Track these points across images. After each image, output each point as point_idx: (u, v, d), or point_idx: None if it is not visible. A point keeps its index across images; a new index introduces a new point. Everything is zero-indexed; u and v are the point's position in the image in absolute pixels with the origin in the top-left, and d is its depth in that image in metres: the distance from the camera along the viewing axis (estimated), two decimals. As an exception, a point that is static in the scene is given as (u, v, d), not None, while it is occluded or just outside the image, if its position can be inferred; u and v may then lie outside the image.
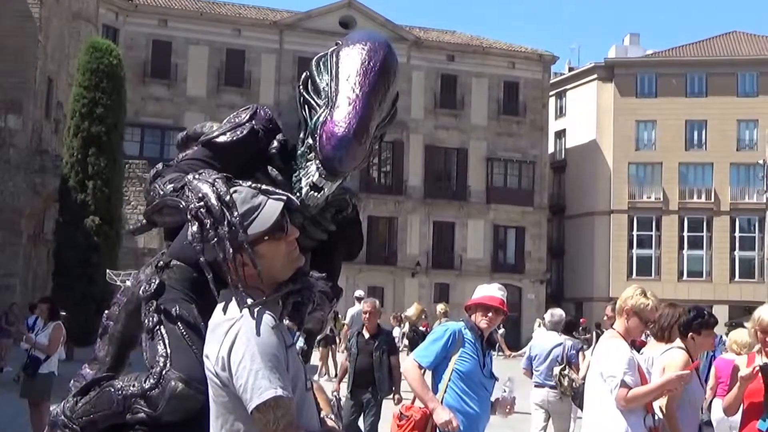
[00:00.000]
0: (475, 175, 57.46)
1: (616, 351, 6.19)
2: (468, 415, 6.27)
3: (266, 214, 2.84)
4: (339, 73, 3.42)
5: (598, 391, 6.25)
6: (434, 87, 57.37)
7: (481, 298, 6.56)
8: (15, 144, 35.05)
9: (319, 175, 3.30)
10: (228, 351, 2.70)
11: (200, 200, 2.88)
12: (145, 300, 3.29)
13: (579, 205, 63.66)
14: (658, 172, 61.86)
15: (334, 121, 3.28)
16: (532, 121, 58.82)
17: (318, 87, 3.44)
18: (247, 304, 2.75)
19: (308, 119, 3.38)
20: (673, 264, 60.76)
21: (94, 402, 3.15)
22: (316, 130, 3.31)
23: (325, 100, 3.37)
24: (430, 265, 55.58)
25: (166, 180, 3.32)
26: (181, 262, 3.34)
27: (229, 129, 3.57)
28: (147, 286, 3.35)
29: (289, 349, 2.79)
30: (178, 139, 4.38)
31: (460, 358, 6.36)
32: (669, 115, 60.61)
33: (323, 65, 3.52)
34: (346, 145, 3.26)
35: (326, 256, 3.71)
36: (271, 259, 2.85)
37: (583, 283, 62.08)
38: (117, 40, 44.24)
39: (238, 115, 3.68)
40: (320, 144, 3.27)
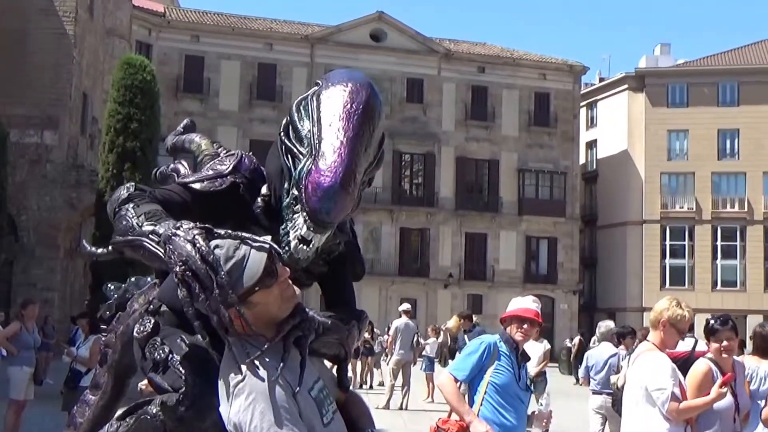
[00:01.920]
0: (506, 186, 57.42)
1: (660, 364, 6.21)
2: (504, 428, 6.30)
3: (252, 266, 2.77)
4: (321, 119, 3.19)
5: (638, 402, 6.26)
6: (465, 99, 57.43)
7: (516, 310, 6.56)
8: (52, 159, 35.52)
9: (308, 228, 3.10)
10: (236, 414, 2.70)
11: (183, 263, 2.76)
12: (144, 340, 3.15)
13: (611, 215, 63.39)
14: (690, 182, 61.51)
15: (319, 171, 3.05)
16: (563, 131, 58.74)
17: (300, 134, 3.20)
18: (247, 361, 2.73)
19: (291, 169, 3.17)
20: (706, 274, 60.35)
21: (135, 428, 3.11)
22: (300, 180, 3.09)
23: (308, 148, 3.14)
24: (463, 276, 55.55)
25: (141, 212, 3.10)
26: (171, 309, 3.24)
27: (208, 178, 3.38)
28: (141, 327, 3.20)
29: (297, 393, 2.78)
30: (167, 146, 4.37)
31: (496, 370, 6.38)
32: (701, 125, 60.27)
33: (303, 110, 3.26)
34: (333, 196, 3.05)
35: (332, 283, 3.60)
36: (266, 305, 2.82)
37: (615, 293, 61.79)
38: (150, 56, 44.68)
39: (222, 161, 3.51)
40: (306, 196, 3.06)
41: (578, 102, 60.97)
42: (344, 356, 3.32)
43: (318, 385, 2.95)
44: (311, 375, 2.93)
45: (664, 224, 61.41)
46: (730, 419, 6.52)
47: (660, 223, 61.31)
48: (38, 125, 35.40)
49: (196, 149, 4.07)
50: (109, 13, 42.63)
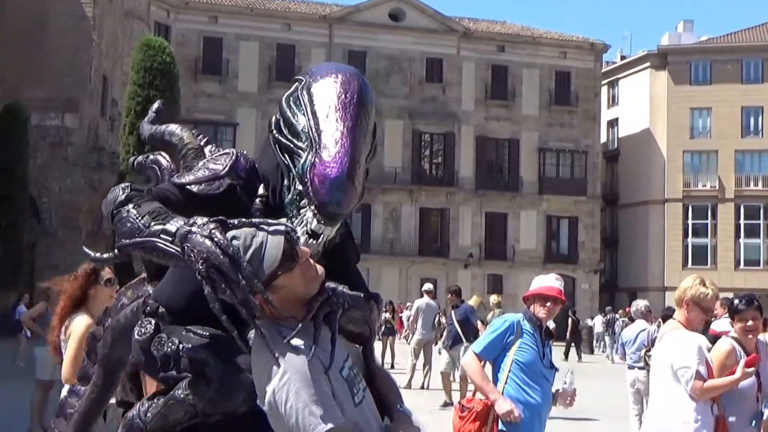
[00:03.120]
0: (527, 165, 57.29)
1: (685, 342, 6.21)
2: (529, 405, 6.30)
3: (271, 252, 2.77)
4: (316, 112, 3.15)
5: (665, 380, 6.28)
6: (485, 78, 57.23)
7: (539, 289, 6.57)
8: (72, 142, 35.69)
9: (318, 221, 3.07)
10: (272, 395, 2.71)
11: (205, 260, 2.73)
12: (147, 341, 3.14)
13: (633, 194, 63.17)
14: (713, 160, 61.20)
15: (324, 163, 3.03)
16: (584, 110, 58.49)
17: (295, 129, 3.16)
18: (282, 343, 2.75)
19: (291, 165, 3.13)
20: (729, 252, 60.09)
21: (165, 413, 3.11)
22: (304, 175, 3.06)
23: (306, 143, 3.10)
24: (483, 256, 55.52)
25: (144, 212, 3.01)
26: (168, 310, 3.23)
27: (205, 180, 3.28)
28: (142, 329, 3.18)
29: (328, 371, 2.78)
30: (144, 137, 4.25)
31: (520, 348, 6.39)
32: (724, 102, 59.88)
33: (295, 105, 3.22)
34: (341, 186, 3.04)
35: (338, 272, 3.45)
36: (291, 287, 2.83)
37: (637, 272, 61.64)
38: (169, 38, 44.73)
39: (216, 160, 3.40)
40: (313, 189, 3.03)
41: (599, 80, 60.67)
42: (369, 335, 3.32)
43: (348, 363, 2.95)
44: (341, 353, 2.92)
45: (687, 203, 61.16)
46: (753, 399, 6.51)
47: (682, 202, 61.07)
48: (59, 108, 35.58)
49: (178, 142, 3.93)
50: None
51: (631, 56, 67.06)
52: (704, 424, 6.12)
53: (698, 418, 6.10)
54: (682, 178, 61.13)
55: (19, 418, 13.47)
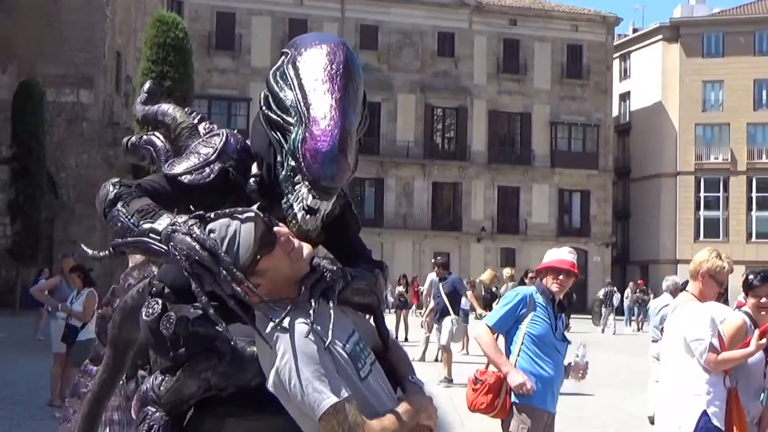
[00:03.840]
0: (539, 139, 57.27)
1: (699, 314, 6.22)
2: (542, 378, 6.35)
3: (245, 238, 2.81)
4: (303, 85, 3.10)
5: (678, 352, 6.30)
6: (497, 52, 57.13)
7: (552, 262, 6.60)
8: (88, 118, 35.92)
9: (312, 197, 3.03)
10: (276, 375, 2.77)
11: (187, 257, 2.76)
12: (155, 322, 3.11)
13: (644, 167, 63.07)
14: (725, 133, 61.01)
15: (315, 138, 2.98)
16: (596, 84, 58.37)
17: (284, 104, 3.10)
18: (276, 325, 2.79)
19: (282, 141, 3.08)
20: (741, 225, 60.02)
21: (178, 387, 3.10)
22: (296, 150, 3.00)
23: (296, 117, 3.05)
24: (495, 230, 55.61)
25: (132, 210, 3.00)
26: (173, 290, 3.22)
27: (196, 168, 3.24)
28: (149, 310, 3.14)
29: (329, 346, 2.80)
30: (137, 117, 4.17)
31: (532, 321, 6.42)
32: (736, 75, 59.66)
33: (282, 79, 3.16)
34: (334, 160, 2.99)
35: (341, 244, 3.53)
36: (276, 269, 2.85)
37: (649, 245, 61.63)
38: (182, 13, 44.77)
39: (206, 143, 3.37)
40: (306, 164, 2.98)
41: (611, 54, 60.50)
42: (377, 304, 3.27)
43: (353, 339, 2.96)
44: (344, 329, 2.94)
45: (699, 176, 61.06)
46: (761, 374, 6.52)
47: (694, 175, 60.96)
48: (74, 84, 35.77)
49: (171, 122, 3.87)
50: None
51: (643, 29, 66.76)
52: (716, 396, 6.14)
53: (710, 391, 6.13)
54: (694, 151, 61.00)
55: (40, 389, 13.76)
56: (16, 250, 31.89)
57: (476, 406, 6.45)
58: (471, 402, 6.48)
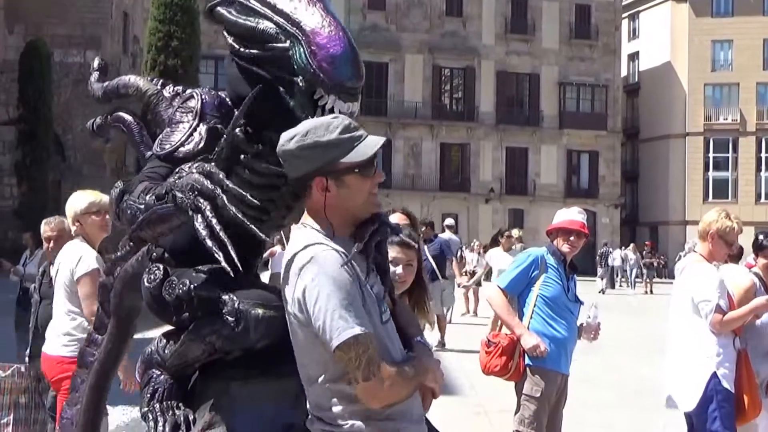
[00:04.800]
0: (547, 100, 57.03)
1: (706, 275, 6.21)
2: (555, 339, 6.33)
3: (366, 146, 2.82)
4: (280, 9, 3.10)
5: (686, 313, 6.29)
6: (505, 12, 56.74)
7: (562, 223, 6.57)
8: (95, 79, 35.79)
9: (343, 101, 3.04)
10: (302, 293, 2.73)
11: (192, 190, 2.78)
12: (158, 287, 3.16)
13: (653, 128, 62.84)
14: (735, 93, 60.70)
15: (323, 46, 2.99)
16: (604, 44, 58.00)
17: (266, 34, 3.09)
18: (316, 245, 2.78)
19: (281, 72, 3.07)
20: (750, 186, 59.88)
21: (183, 351, 3.13)
22: (308, 67, 2.99)
23: (287, 40, 3.04)
24: (504, 191, 55.55)
25: (138, 192, 3.04)
26: (172, 254, 3.26)
27: (185, 139, 3.22)
28: (151, 275, 3.19)
29: (364, 283, 2.82)
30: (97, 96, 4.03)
31: (544, 283, 6.40)
32: (746, 34, 59.22)
33: (246, 16, 3.17)
34: (351, 59, 3.03)
35: None
36: (355, 193, 2.85)
37: (658, 206, 61.56)
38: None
39: (184, 109, 3.34)
40: (325, 73, 2.97)
41: (620, 13, 60.04)
42: (387, 267, 3.24)
43: (378, 283, 2.99)
44: (373, 275, 2.96)
45: (708, 136, 60.83)
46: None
47: (703, 136, 60.74)
48: (81, 45, 35.64)
49: (135, 92, 3.80)
50: (147, -69, 42.49)
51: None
52: (726, 358, 6.13)
53: (720, 352, 6.12)
54: (703, 111, 60.72)
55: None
56: (22, 212, 31.93)
57: (490, 369, 6.43)
58: (485, 365, 6.46)
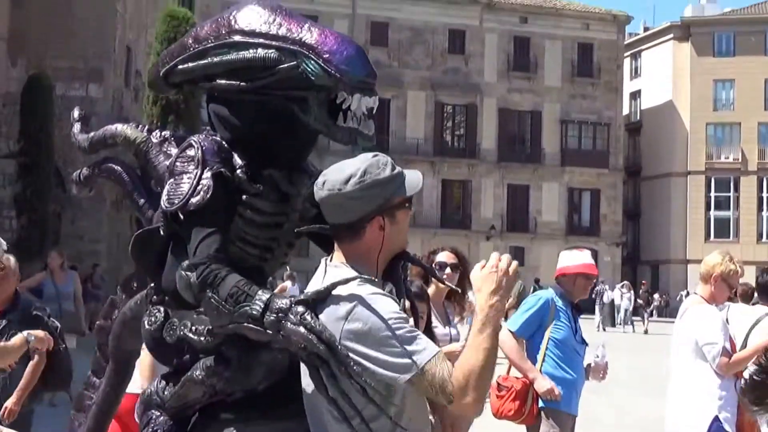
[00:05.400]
0: (549, 137, 57.14)
1: (709, 318, 6.19)
2: (566, 382, 6.36)
3: (412, 179, 2.88)
4: (274, 35, 3.13)
5: (689, 355, 6.26)
6: (507, 49, 57.00)
7: (579, 267, 6.57)
8: (97, 112, 35.70)
9: (368, 96, 3.08)
10: (363, 327, 2.69)
11: (303, 349, 2.71)
12: (158, 330, 3.15)
13: (655, 166, 62.93)
14: (736, 132, 60.85)
15: (335, 52, 3.02)
16: (606, 82, 58.21)
17: (261, 63, 3.10)
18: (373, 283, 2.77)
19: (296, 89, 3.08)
20: (752, 225, 59.84)
21: (183, 393, 3.10)
22: (325, 74, 3.00)
23: (290, 59, 3.06)
24: (505, 228, 55.52)
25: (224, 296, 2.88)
26: (173, 297, 3.21)
27: (193, 190, 3.13)
28: (151, 318, 3.18)
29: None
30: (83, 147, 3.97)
31: (555, 326, 6.42)
32: (748, 74, 59.44)
33: (235, 53, 3.17)
34: (362, 56, 3.08)
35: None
36: (402, 228, 2.88)
37: (659, 245, 61.49)
38: (192, 8, 44.72)
39: (183, 158, 3.24)
40: (345, 75, 3.00)
41: (622, 52, 60.33)
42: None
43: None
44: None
45: (709, 175, 60.91)
46: None
47: (705, 174, 60.81)
48: (83, 78, 35.75)
49: (123, 141, 3.74)
50: (152, -34, 42.71)
51: (654, 28, 66.66)
52: (728, 401, 6.12)
53: (722, 395, 6.11)
54: (704, 150, 60.85)
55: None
56: (22, 245, 31.82)
57: (503, 413, 6.42)
58: (497, 409, 6.43)
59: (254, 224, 3.17)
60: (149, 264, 3.42)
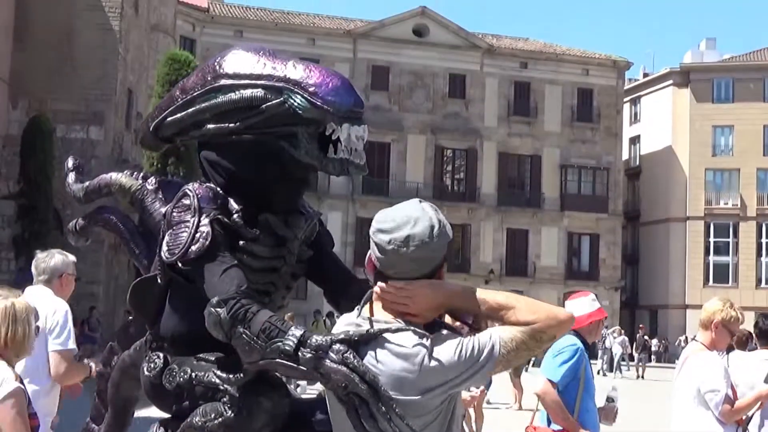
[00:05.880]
0: (548, 182, 57.23)
1: (711, 365, 6.20)
2: (595, 427, 6.34)
3: (449, 231, 2.96)
4: (259, 74, 3.16)
5: (690, 402, 6.26)
6: (507, 94, 57.27)
7: (595, 313, 6.55)
8: (97, 155, 35.89)
9: (358, 125, 3.08)
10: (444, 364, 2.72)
11: (344, 388, 2.68)
12: (158, 376, 3.14)
13: (654, 211, 63.00)
14: (735, 178, 60.99)
15: (321, 84, 3.04)
16: (606, 127, 58.42)
17: (255, 99, 3.14)
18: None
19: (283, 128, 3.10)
20: (751, 271, 59.79)
21: None
22: (313, 107, 3.02)
23: (276, 97, 3.09)
24: (504, 272, 55.46)
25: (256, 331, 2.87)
26: (173, 341, 3.22)
27: (191, 240, 3.12)
28: (151, 364, 3.19)
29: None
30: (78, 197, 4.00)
31: (585, 373, 6.40)
32: (746, 120, 59.71)
33: (224, 95, 3.21)
34: (349, 87, 3.09)
35: (330, 263, 3.55)
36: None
37: (658, 290, 61.40)
38: (194, 51, 45.03)
39: (180, 208, 3.23)
40: (334, 106, 3.01)
41: (622, 97, 60.60)
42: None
43: None
44: None
45: (708, 221, 60.93)
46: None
47: (704, 220, 60.84)
48: (84, 121, 35.85)
49: (118, 190, 3.78)
50: (154, 9, 43.00)
51: (654, 74, 67.01)
52: None
53: None
54: (704, 195, 60.93)
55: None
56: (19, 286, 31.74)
57: None
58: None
59: (251, 269, 3.13)
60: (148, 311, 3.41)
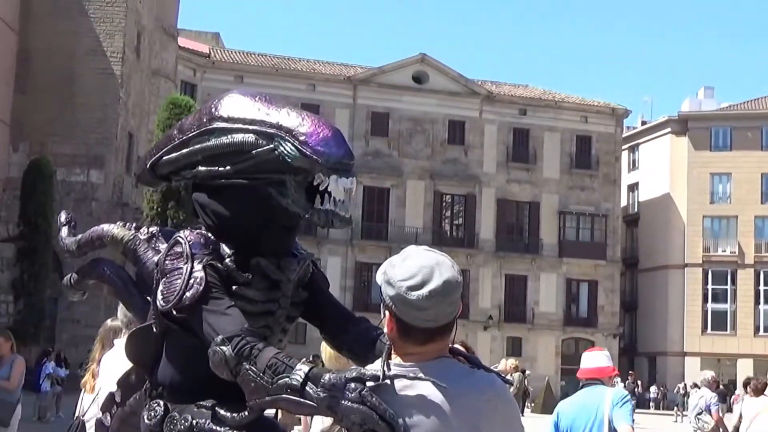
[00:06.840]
0: (547, 228, 57.28)
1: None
2: None
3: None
4: (253, 120, 3.15)
5: None
6: (506, 141, 57.49)
7: (610, 367, 7.14)
8: (97, 198, 36.05)
9: (346, 177, 3.06)
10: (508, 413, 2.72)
11: (362, 425, 2.65)
12: (158, 425, 3.11)
13: (652, 258, 62.98)
14: (733, 225, 61.05)
15: (312, 134, 3.04)
16: (604, 174, 58.60)
17: (246, 144, 3.14)
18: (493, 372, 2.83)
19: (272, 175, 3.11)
20: (749, 318, 59.62)
21: None
22: (302, 156, 3.03)
23: (267, 144, 3.09)
24: (503, 318, 55.29)
25: (262, 367, 2.85)
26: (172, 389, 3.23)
27: (185, 286, 3.10)
28: (151, 413, 3.16)
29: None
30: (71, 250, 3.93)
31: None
32: (744, 168, 59.92)
33: (216, 139, 3.22)
34: (340, 138, 3.07)
35: (326, 302, 3.54)
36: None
37: (656, 337, 61.22)
38: (195, 96, 45.29)
39: (172, 256, 3.21)
40: (322, 157, 3.00)
41: (620, 145, 60.84)
42: None
43: None
44: None
45: (706, 268, 60.90)
46: None
47: (702, 267, 60.82)
48: (85, 164, 36.00)
49: (111, 241, 3.74)
50: (156, 54, 43.33)
51: (652, 121, 67.32)
52: None
53: None
54: (702, 242, 60.95)
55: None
56: (18, 329, 31.72)
57: None
58: None
59: (246, 314, 3.11)
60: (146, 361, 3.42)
